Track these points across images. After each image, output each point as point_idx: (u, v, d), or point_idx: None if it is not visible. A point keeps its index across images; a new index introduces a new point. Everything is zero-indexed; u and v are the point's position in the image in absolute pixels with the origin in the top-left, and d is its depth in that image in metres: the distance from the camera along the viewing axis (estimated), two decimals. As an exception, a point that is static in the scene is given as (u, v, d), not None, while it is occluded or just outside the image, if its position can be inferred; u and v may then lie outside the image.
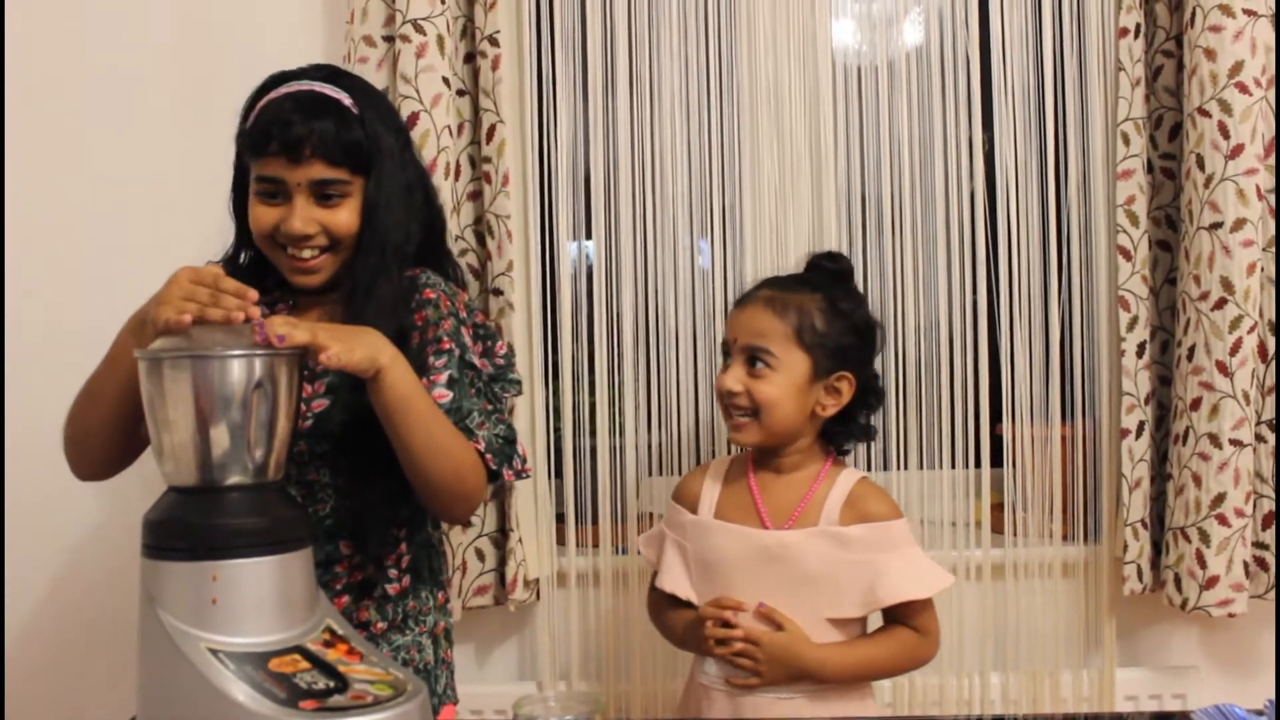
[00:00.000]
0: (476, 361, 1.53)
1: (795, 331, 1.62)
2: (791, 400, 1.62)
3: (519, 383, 1.63)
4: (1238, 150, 1.94)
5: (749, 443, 1.66)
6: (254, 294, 1.25)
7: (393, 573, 1.55)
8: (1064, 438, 2.13)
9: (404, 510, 1.53)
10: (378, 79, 2.01)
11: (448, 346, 1.49)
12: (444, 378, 1.47)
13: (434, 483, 1.43)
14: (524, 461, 1.55)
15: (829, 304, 1.65)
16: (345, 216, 1.48)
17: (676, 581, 1.68)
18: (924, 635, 1.65)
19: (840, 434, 1.71)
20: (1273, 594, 2.04)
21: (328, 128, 1.45)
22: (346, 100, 1.48)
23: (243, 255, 1.61)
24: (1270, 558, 2.03)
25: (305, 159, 1.44)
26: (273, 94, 1.48)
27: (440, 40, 1.97)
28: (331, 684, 1.11)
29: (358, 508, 1.48)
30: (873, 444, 2.12)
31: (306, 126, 1.43)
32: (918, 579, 1.62)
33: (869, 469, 2.12)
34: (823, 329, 1.63)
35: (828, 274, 1.72)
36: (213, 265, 1.40)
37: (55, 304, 2.15)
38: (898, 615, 1.64)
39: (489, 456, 1.48)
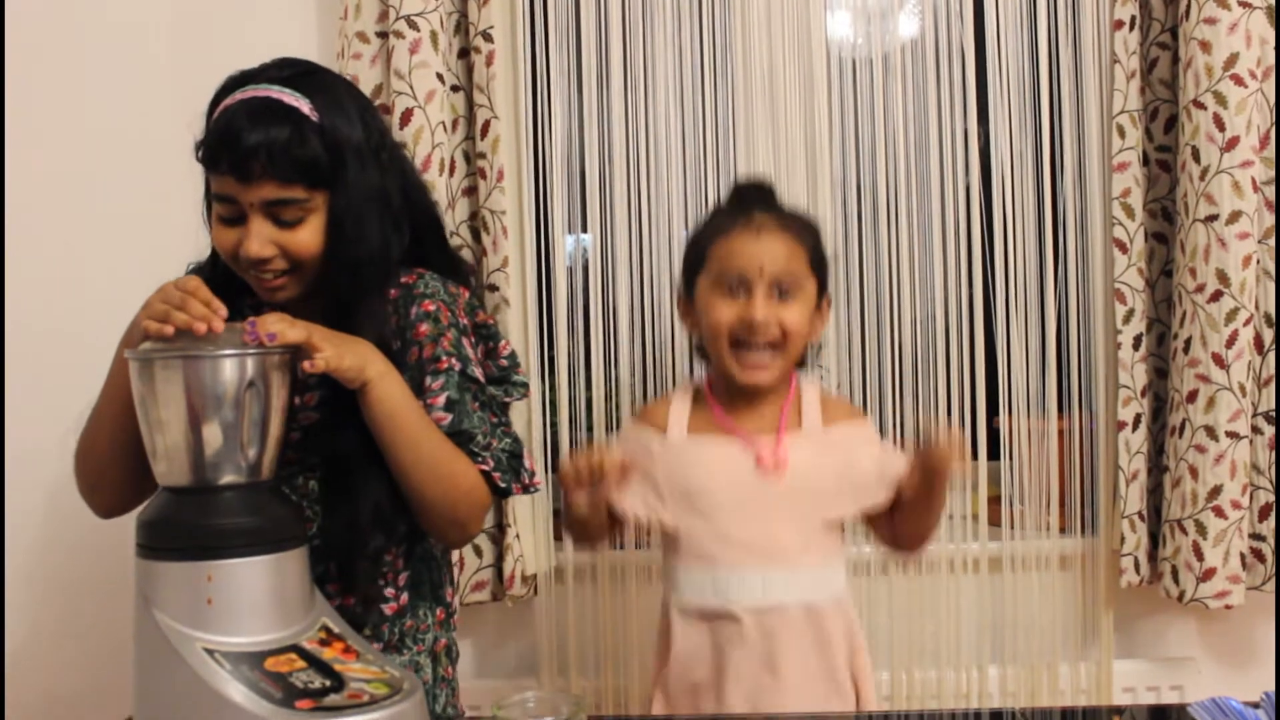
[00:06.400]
0: (477, 373, 1.47)
1: (809, 255, 1.60)
2: (808, 327, 1.61)
3: (525, 384, 1.56)
4: (1233, 143, 1.93)
5: (768, 381, 1.59)
6: (224, 311, 1.22)
7: (389, 591, 1.48)
8: (1061, 430, 2.13)
9: (397, 535, 1.47)
10: (371, 75, 2.01)
11: (445, 366, 1.43)
12: (442, 400, 1.41)
13: (425, 504, 1.39)
14: (531, 475, 1.49)
15: (811, 227, 1.65)
16: (306, 237, 1.37)
17: (640, 505, 1.60)
18: None
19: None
20: (1269, 585, 2.04)
21: (279, 141, 1.32)
22: (305, 107, 1.35)
23: (218, 263, 1.49)
24: (1267, 549, 2.04)
25: (255, 178, 1.33)
26: (228, 100, 1.37)
27: (434, 36, 1.97)
28: (328, 683, 1.11)
29: (347, 536, 1.39)
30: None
31: (255, 139, 1.31)
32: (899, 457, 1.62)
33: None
34: (820, 251, 1.64)
35: (774, 197, 1.69)
36: (194, 276, 1.32)
37: (53, 306, 2.14)
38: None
39: (497, 475, 1.43)
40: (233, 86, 1.39)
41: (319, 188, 1.37)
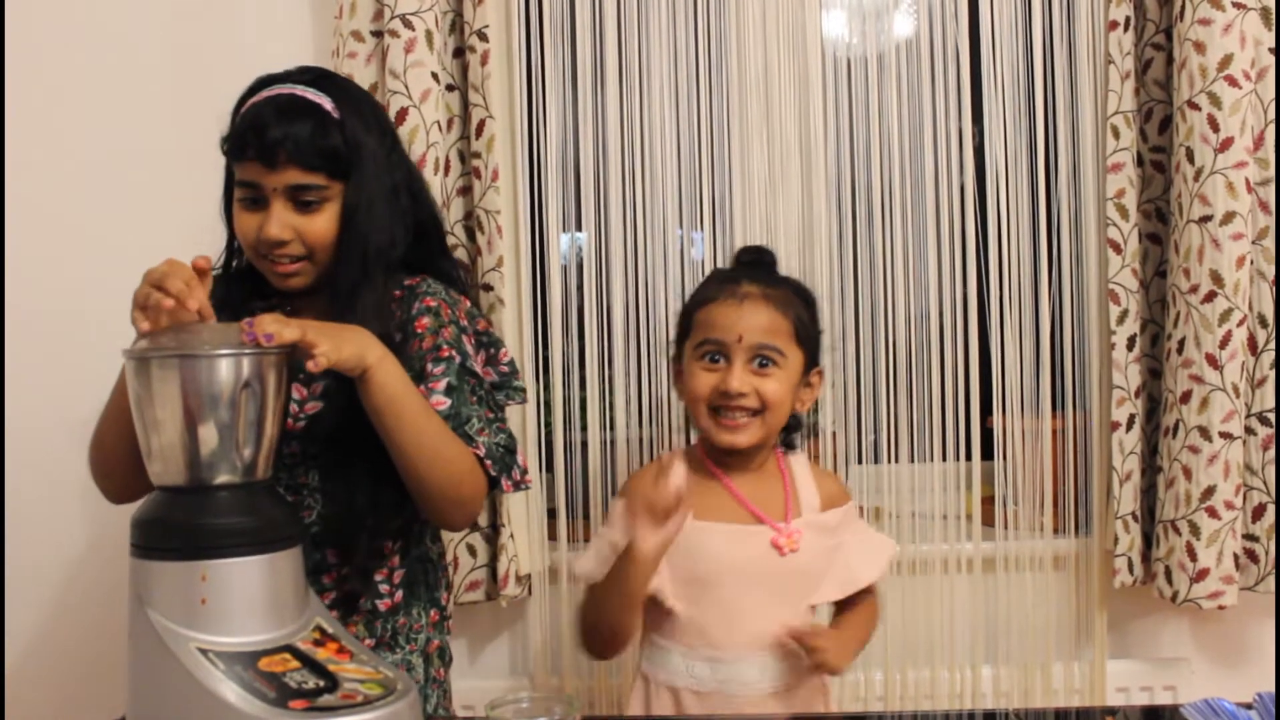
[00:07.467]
0: (478, 369, 1.51)
1: (795, 328, 1.61)
2: (790, 398, 1.62)
3: (523, 390, 1.61)
4: (1227, 143, 1.94)
5: (746, 444, 1.60)
6: (194, 305, 1.23)
7: (384, 588, 1.53)
8: (1054, 430, 2.13)
9: (394, 521, 1.51)
10: (366, 74, 2.00)
11: (447, 354, 1.47)
12: (442, 385, 1.45)
13: (428, 487, 1.41)
14: (524, 472, 1.52)
15: (804, 299, 1.67)
16: (322, 223, 1.45)
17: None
18: (876, 598, 1.72)
19: (790, 427, 1.70)
20: (1262, 585, 2.05)
21: (303, 132, 1.42)
22: (327, 104, 1.45)
23: (234, 261, 1.58)
24: (1260, 550, 2.04)
25: (280, 164, 1.42)
26: (254, 98, 1.47)
27: (429, 35, 1.96)
28: (321, 683, 1.11)
29: (344, 515, 1.45)
30: (863, 437, 2.13)
31: (282, 131, 1.41)
32: (879, 555, 1.69)
33: (859, 462, 2.13)
34: (810, 324, 1.65)
35: (771, 267, 1.71)
36: (200, 257, 1.34)
37: (54, 304, 2.13)
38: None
39: (489, 463, 1.45)
40: (259, 87, 1.49)
41: (337, 178, 1.46)
